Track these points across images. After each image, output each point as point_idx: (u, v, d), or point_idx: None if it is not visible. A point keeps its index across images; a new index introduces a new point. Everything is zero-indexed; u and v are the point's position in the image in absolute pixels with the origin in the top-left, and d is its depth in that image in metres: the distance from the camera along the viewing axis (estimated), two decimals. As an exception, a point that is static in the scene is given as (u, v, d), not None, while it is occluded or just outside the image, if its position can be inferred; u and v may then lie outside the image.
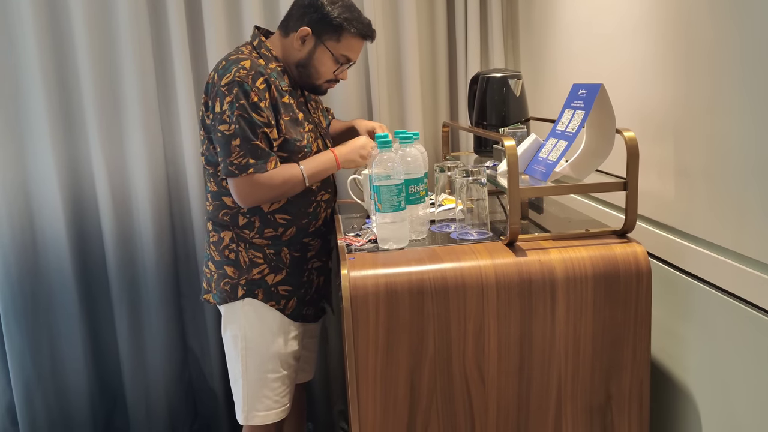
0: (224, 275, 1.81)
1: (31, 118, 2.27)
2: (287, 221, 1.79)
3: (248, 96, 1.65)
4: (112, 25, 2.27)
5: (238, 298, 1.79)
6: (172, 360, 2.49)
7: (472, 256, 1.40)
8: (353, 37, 1.78)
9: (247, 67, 1.67)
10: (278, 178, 1.69)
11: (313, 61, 1.79)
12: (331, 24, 1.75)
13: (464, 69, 2.48)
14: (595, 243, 1.44)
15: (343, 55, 1.79)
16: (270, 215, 1.77)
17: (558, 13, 2.04)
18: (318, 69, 1.80)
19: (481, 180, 1.52)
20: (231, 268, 1.80)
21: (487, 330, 1.37)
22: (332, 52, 1.77)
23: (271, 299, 1.80)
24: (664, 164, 1.46)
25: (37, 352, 2.39)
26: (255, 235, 1.78)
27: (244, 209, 1.76)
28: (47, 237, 2.33)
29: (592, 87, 1.44)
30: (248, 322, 1.79)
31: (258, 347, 1.80)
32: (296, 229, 1.81)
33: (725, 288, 1.28)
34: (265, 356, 1.80)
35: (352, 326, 1.34)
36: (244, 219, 1.78)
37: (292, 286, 1.82)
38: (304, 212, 1.81)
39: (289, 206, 1.78)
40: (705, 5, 1.27)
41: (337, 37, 1.76)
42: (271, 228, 1.78)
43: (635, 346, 1.41)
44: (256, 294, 1.79)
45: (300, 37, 1.77)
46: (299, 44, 1.78)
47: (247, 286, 1.79)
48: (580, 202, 1.90)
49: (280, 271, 1.81)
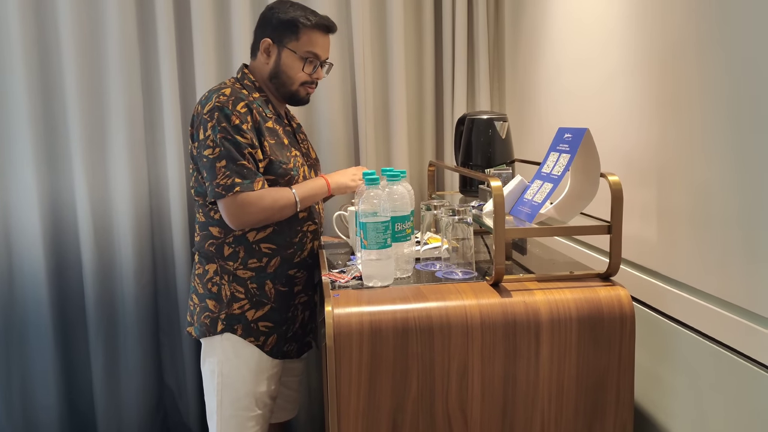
0: (205, 308, 1.79)
1: (15, 146, 2.25)
2: (272, 251, 1.78)
3: (229, 119, 1.67)
4: (101, 57, 2.27)
5: (217, 333, 1.77)
6: (147, 396, 2.43)
7: (457, 295, 1.39)
8: (311, 31, 1.79)
9: (227, 94, 1.71)
10: (268, 198, 1.69)
11: (281, 67, 1.80)
12: (286, 25, 1.78)
13: (451, 110, 2.51)
14: (579, 285, 1.44)
15: (308, 51, 1.80)
16: (255, 244, 1.76)
17: (544, 57, 2.08)
18: (288, 74, 1.81)
19: (467, 219, 1.52)
20: (212, 301, 1.78)
21: (471, 370, 1.36)
22: (295, 51, 1.79)
23: (250, 335, 1.77)
24: (648, 209, 1.48)
25: (8, 387, 2.33)
26: (239, 266, 1.77)
27: (230, 239, 1.76)
28: (24, 267, 2.29)
29: (578, 131, 1.46)
30: (225, 357, 1.77)
31: (233, 383, 1.77)
32: (281, 259, 1.79)
33: (709, 334, 1.28)
34: (240, 393, 1.77)
35: (335, 364, 1.32)
36: (229, 249, 1.76)
37: (273, 323, 1.80)
38: (289, 242, 1.80)
39: (274, 235, 1.78)
40: (690, 52, 1.30)
41: (296, 35, 1.78)
42: (255, 258, 1.77)
43: (618, 390, 1.41)
44: (235, 329, 1.77)
45: (264, 50, 1.81)
46: (265, 57, 1.81)
47: (226, 321, 1.77)
48: (564, 244, 1.91)
49: (261, 306, 1.79)
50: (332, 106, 2.42)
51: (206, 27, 2.31)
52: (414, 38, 2.51)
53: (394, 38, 2.43)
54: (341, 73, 2.43)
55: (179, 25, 2.34)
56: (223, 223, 1.74)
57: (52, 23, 2.24)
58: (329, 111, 2.42)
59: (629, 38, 1.54)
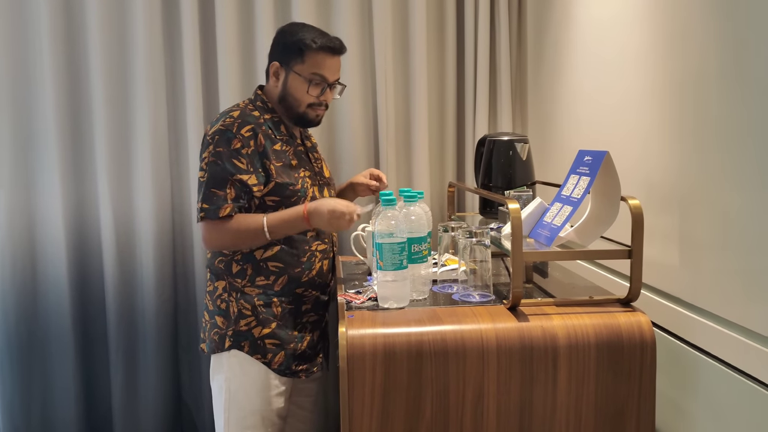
0: (215, 325, 1.80)
1: (42, 161, 2.29)
2: (279, 269, 1.77)
3: (230, 143, 1.69)
4: (128, 73, 2.31)
5: (224, 349, 1.77)
6: (165, 412, 2.43)
7: (473, 318, 1.37)
8: (316, 53, 1.78)
9: (235, 116, 1.73)
10: (234, 226, 1.70)
11: (288, 89, 1.81)
12: (292, 48, 1.79)
13: (472, 131, 2.51)
14: (598, 311, 1.41)
15: (314, 73, 1.79)
16: (262, 262, 1.76)
17: (566, 80, 2.07)
18: (294, 96, 1.81)
19: (485, 242, 1.51)
20: (221, 318, 1.79)
21: (487, 396, 1.34)
22: (301, 74, 1.79)
23: (257, 352, 1.76)
24: (669, 233, 1.45)
25: (29, 401, 2.35)
26: (247, 284, 1.77)
27: (238, 256, 1.77)
28: (49, 280, 2.32)
29: (598, 154, 1.44)
30: (232, 374, 1.77)
31: (240, 401, 1.76)
32: (288, 278, 1.78)
33: (733, 363, 1.25)
34: (246, 411, 1.76)
35: (348, 386, 1.31)
36: (237, 266, 1.77)
37: (280, 340, 1.78)
38: (297, 261, 1.79)
39: (282, 254, 1.77)
40: (712, 76, 1.28)
41: (301, 58, 1.78)
42: (262, 276, 1.77)
43: (639, 419, 1.37)
44: (242, 346, 1.76)
45: (273, 73, 1.83)
46: (275, 80, 1.83)
47: (234, 338, 1.76)
48: (586, 268, 1.88)
49: (268, 324, 1.78)
50: (353, 126, 2.42)
51: (230, 43, 2.34)
52: (436, 59, 2.52)
53: (416, 59, 2.43)
54: (363, 94, 2.44)
55: (204, 42, 2.37)
56: None
57: (81, 35, 2.29)
58: (350, 131, 2.42)
59: (651, 62, 1.52)
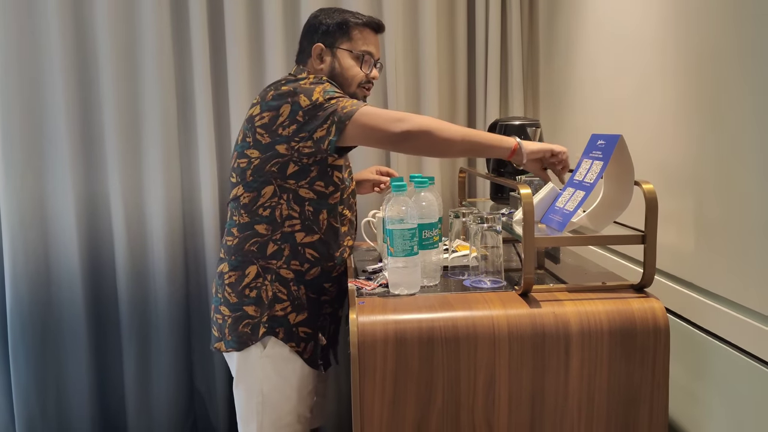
0: (243, 317, 1.70)
1: (53, 152, 2.30)
2: (315, 259, 1.72)
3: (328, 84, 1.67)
4: (138, 65, 2.31)
5: (258, 339, 1.68)
6: (178, 400, 2.45)
7: (484, 305, 1.36)
8: (361, 29, 1.78)
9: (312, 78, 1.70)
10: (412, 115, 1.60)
11: (338, 69, 1.77)
12: (336, 27, 1.76)
13: (483, 115, 2.48)
14: (611, 297, 1.40)
15: (362, 50, 1.78)
16: (301, 247, 1.71)
17: (578, 63, 2.04)
18: (345, 75, 1.77)
19: (496, 227, 1.49)
20: (252, 306, 1.70)
21: (498, 382, 1.33)
22: (350, 50, 1.77)
23: (291, 340, 1.70)
24: (684, 218, 1.43)
25: (43, 387, 2.37)
26: (282, 265, 1.70)
27: (278, 236, 1.69)
28: (61, 269, 2.34)
29: (611, 138, 1.42)
30: (265, 375, 1.70)
31: (276, 403, 1.70)
32: (320, 270, 1.74)
33: (748, 349, 1.23)
34: (283, 411, 1.71)
35: (359, 372, 1.30)
36: (274, 246, 1.70)
37: (311, 329, 1.74)
38: (332, 255, 1.75)
39: (320, 244, 1.72)
40: (730, 57, 1.25)
41: (348, 35, 1.77)
42: (298, 261, 1.71)
43: (652, 406, 1.36)
44: (277, 332, 1.69)
45: (317, 56, 1.78)
46: (319, 62, 1.78)
47: (268, 324, 1.69)
48: (598, 253, 1.86)
49: (302, 311, 1.73)
50: (363, 112, 2.41)
51: (239, 37, 2.32)
52: (447, 43, 2.49)
53: (426, 43, 2.41)
54: (373, 79, 2.42)
55: (213, 33, 2.36)
56: (273, 219, 1.69)
57: (90, 31, 2.29)
58: (360, 117, 2.41)
59: (666, 42, 1.49)
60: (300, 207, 1.70)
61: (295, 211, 1.70)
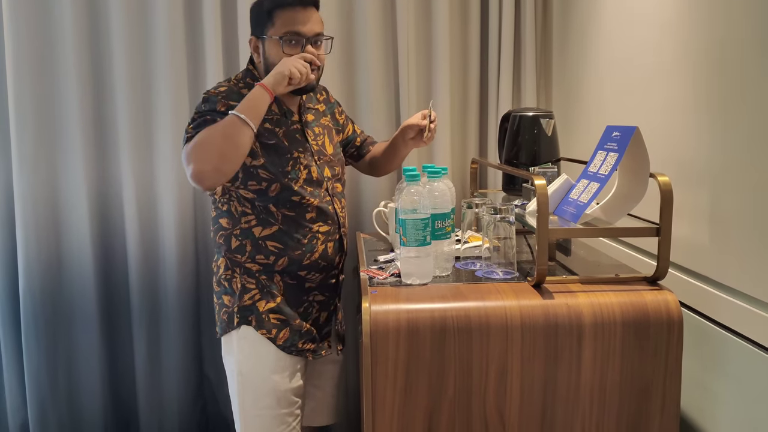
0: (222, 305, 1.79)
1: (66, 141, 2.31)
2: (279, 250, 1.75)
3: (215, 104, 1.67)
4: (150, 55, 2.32)
5: (234, 327, 1.75)
6: (187, 385, 2.47)
7: (497, 295, 1.36)
8: (283, 10, 1.70)
9: (221, 91, 1.71)
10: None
11: (267, 58, 1.74)
12: (262, 16, 1.73)
13: (495, 106, 2.47)
14: (624, 289, 1.39)
15: (286, 32, 1.70)
16: (261, 241, 1.74)
17: (593, 53, 2.03)
18: (273, 62, 1.71)
19: (509, 218, 1.49)
20: (227, 296, 1.78)
21: (510, 373, 1.33)
22: (273, 37, 1.71)
23: (262, 327, 1.74)
24: (698, 211, 1.42)
25: (54, 371, 2.39)
26: (247, 260, 1.75)
27: (237, 231, 1.75)
28: (73, 255, 2.35)
29: (627, 129, 1.41)
30: (243, 356, 1.75)
31: (253, 382, 1.74)
32: (288, 260, 1.75)
33: (762, 343, 1.23)
34: (261, 392, 1.74)
35: (371, 362, 1.31)
36: (236, 242, 1.76)
37: (285, 316, 1.76)
38: (297, 243, 1.75)
39: (280, 234, 1.74)
40: (747, 47, 1.24)
41: (271, 21, 1.71)
42: (262, 255, 1.75)
43: (664, 398, 1.36)
44: (249, 321, 1.74)
45: (253, 49, 1.79)
46: (257, 56, 1.78)
47: (240, 314, 1.75)
48: (610, 245, 1.86)
49: (273, 297, 1.75)
50: (375, 100, 2.40)
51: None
52: (459, 32, 2.47)
53: (438, 32, 2.40)
54: (385, 68, 2.41)
55: (225, 23, 2.36)
56: (231, 214, 1.75)
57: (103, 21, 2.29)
58: (372, 105, 2.40)
59: (683, 32, 1.48)
60: (250, 203, 1.75)
61: (248, 207, 1.75)
